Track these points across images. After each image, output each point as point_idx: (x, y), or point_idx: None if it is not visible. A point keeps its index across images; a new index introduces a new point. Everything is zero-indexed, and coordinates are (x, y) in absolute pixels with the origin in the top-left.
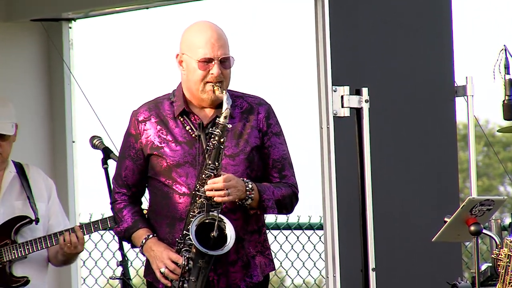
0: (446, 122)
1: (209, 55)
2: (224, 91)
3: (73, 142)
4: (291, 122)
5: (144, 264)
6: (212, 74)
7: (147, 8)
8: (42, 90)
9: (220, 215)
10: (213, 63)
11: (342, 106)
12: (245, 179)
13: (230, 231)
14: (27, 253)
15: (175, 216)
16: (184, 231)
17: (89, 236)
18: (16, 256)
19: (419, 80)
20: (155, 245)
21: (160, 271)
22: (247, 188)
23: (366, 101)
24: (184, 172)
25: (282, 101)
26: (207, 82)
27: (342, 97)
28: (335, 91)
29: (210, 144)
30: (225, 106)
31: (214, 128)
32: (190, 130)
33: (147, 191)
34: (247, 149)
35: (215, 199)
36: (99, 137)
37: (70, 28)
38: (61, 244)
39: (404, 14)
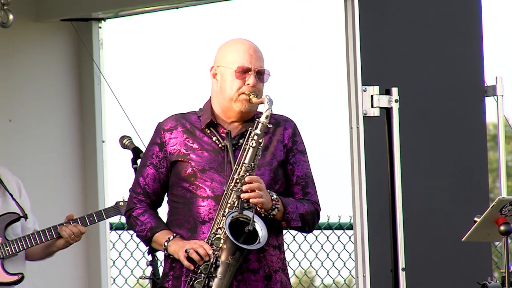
0: (475, 122)
1: (247, 64)
2: (266, 94)
3: (103, 142)
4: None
5: (162, 272)
6: (248, 84)
7: (177, 8)
8: (72, 90)
9: (254, 214)
10: (250, 73)
11: (372, 106)
12: (269, 190)
13: (262, 229)
14: (21, 249)
15: (198, 220)
16: (213, 231)
17: (119, 236)
18: (10, 253)
19: (449, 80)
20: (182, 240)
21: (185, 251)
22: (272, 198)
23: (396, 100)
24: (208, 177)
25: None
26: (242, 92)
27: (372, 97)
28: (365, 91)
29: (249, 143)
30: (267, 106)
31: (254, 127)
32: (216, 141)
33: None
34: (273, 162)
35: (251, 200)
36: (129, 137)
37: (100, 28)
38: (66, 237)
39: (434, 14)
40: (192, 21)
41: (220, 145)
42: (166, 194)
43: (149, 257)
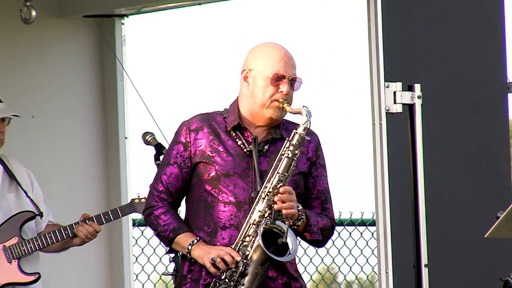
0: (498, 118)
1: (282, 72)
2: (303, 105)
3: (126, 138)
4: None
5: (180, 273)
6: (281, 91)
7: (200, 4)
8: (94, 86)
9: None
10: (284, 80)
11: (395, 102)
12: None
13: (293, 241)
14: (37, 248)
15: (218, 224)
16: (241, 238)
17: (142, 232)
18: (27, 253)
19: (471, 76)
20: (206, 245)
21: (211, 258)
22: (299, 209)
23: (419, 97)
24: (232, 182)
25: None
26: (275, 99)
27: (394, 93)
28: (387, 87)
29: (285, 152)
30: (305, 118)
31: (291, 138)
32: (242, 145)
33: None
34: (295, 172)
35: (284, 211)
36: (152, 133)
37: (123, 24)
38: (82, 237)
39: (456, 9)
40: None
41: (245, 150)
42: (185, 194)
43: (172, 254)
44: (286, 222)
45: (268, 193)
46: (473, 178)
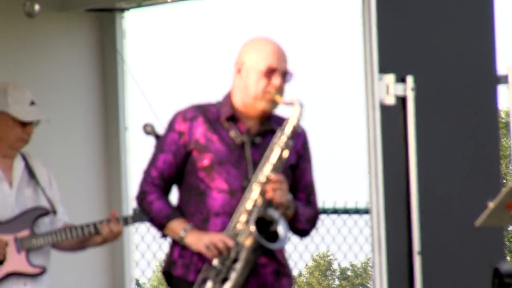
0: (488, 109)
1: (274, 65)
2: (296, 97)
3: (126, 128)
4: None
5: (166, 258)
6: (274, 84)
7: None
8: (96, 78)
9: (278, 214)
10: (276, 73)
11: (388, 94)
12: None
13: (284, 229)
14: (49, 242)
15: (211, 212)
16: (233, 225)
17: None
18: (37, 245)
19: (462, 69)
20: (198, 231)
21: (205, 244)
22: (289, 198)
23: (412, 89)
24: (225, 170)
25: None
26: (267, 92)
27: (387, 85)
28: (380, 79)
29: (277, 142)
30: (298, 109)
31: (283, 128)
32: (235, 136)
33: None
34: (285, 164)
35: (275, 199)
36: (152, 124)
37: (123, 18)
38: (104, 236)
39: (448, 2)
40: (214, 12)
41: (238, 141)
42: (177, 182)
43: (165, 238)
44: (278, 211)
45: (260, 182)
46: (464, 168)
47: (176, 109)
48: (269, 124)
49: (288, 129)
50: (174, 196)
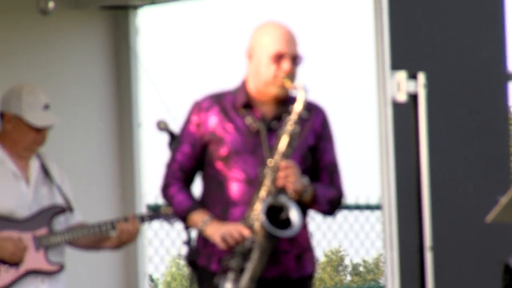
0: (498, 106)
1: (283, 49)
2: (301, 82)
3: (139, 125)
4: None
5: (195, 246)
6: (283, 69)
7: None
8: (109, 76)
9: (290, 200)
10: (285, 58)
11: (399, 91)
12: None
13: (297, 215)
14: (66, 240)
15: (229, 201)
16: (248, 214)
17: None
18: (55, 243)
19: (473, 66)
20: (217, 222)
21: (221, 234)
22: (303, 181)
23: (423, 86)
24: (242, 160)
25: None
26: (277, 76)
27: (399, 82)
28: (392, 76)
29: (285, 129)
30: (302, 94)
31: (289, 114)
32: (251, 123)
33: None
34: (303, 147)
35: (287, 186)
36: (165, 121)
37: (137, 15)
38: (119, 236)
39: None
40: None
41: (254, 128)
42: (199, 172)
43: (188, 229)
44: (292, 197)
45: (272, 169)
46: (475, 164)
47: (189, 106)
48: (285, 107)
49: (293, 115)
50: (197, 186)
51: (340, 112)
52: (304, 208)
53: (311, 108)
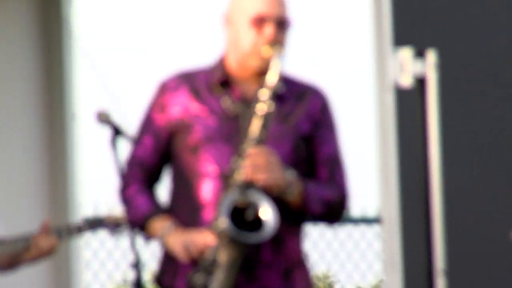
0: None
1: (265, 11)
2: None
3: (74, 116)
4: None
5: (160, 265)
6: (265, 35)
7: None
8: (36, 55)
9: (257, 196)
10: (268, 22)
11: (403, 73)
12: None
13: (269, 214)
14: None
15: (199, 203)
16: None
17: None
18: None
19: (495, 42)
20: (181, 230)
21: (183, 244)
22: (286, 177)
23: (433, 66)
24: (215, 148)
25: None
26: (258, 45)
27: (403, 61)
28: (394, 54)
29: (256, 111)
30: (276, 62)
31: (260, 92)
32: (228, 105)
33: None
34: (295, 135)
35: (256, 179)
36: (107, 112)
37: None
38: (33, 252)
39: None
40: None
41: (231, 110)
42: (166, 167)
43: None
44: (269, 193)
45: (241, 161)
46: (498, 166)
47: (137, 93)
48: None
49: (265, 92)
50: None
51: (335, 101)
52: (291, 210)
53: (307, 89)
